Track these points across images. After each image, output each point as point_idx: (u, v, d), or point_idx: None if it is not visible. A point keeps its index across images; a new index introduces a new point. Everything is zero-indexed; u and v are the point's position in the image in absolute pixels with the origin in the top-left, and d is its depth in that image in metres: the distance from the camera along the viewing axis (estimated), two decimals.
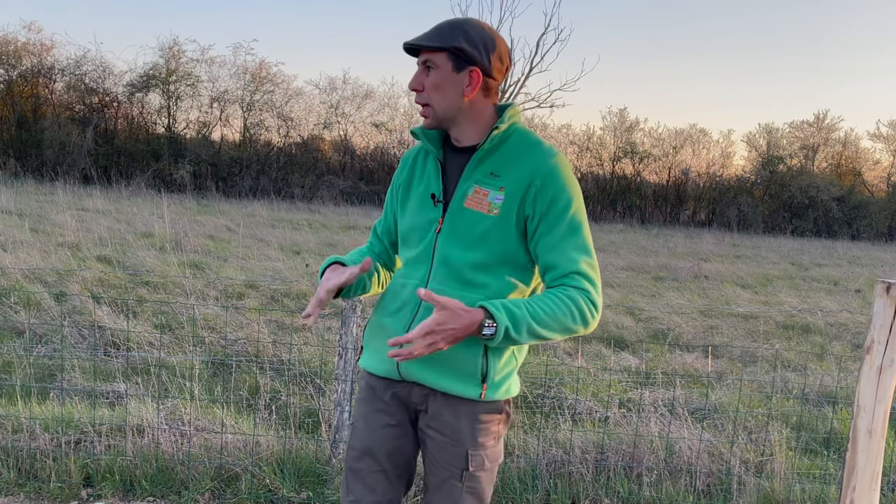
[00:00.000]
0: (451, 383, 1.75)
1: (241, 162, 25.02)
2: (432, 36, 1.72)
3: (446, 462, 1.79)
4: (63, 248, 9.03)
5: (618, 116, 30.30)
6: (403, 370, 1.79)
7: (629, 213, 28.80)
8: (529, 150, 1.74)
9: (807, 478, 3.58)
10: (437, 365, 1.74)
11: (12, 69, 24.78)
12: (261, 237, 12.68)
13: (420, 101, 1.76)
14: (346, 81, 27.47)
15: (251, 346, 5.44)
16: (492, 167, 1.75)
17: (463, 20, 1.75)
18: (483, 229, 1.73)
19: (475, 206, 1.74)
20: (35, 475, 3.24)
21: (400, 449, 1.86)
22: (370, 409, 1.88)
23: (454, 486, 1.79)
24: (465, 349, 1.72)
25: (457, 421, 1.77)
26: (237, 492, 3.21)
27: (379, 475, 1.86)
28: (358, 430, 1.90)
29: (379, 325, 1.86)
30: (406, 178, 1.90)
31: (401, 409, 1.86)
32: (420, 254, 1.81)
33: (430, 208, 1.81)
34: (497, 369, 1.76)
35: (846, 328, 7.88)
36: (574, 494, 3.35)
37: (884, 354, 2.01)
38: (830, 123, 31.69)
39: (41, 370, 4.70)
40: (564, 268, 1.71)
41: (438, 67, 1.72)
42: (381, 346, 1.84)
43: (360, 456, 1.87)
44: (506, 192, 1.72)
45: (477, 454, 1.78)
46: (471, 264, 1.74)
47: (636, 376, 5.32)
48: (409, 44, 1.73)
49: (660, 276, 12.00)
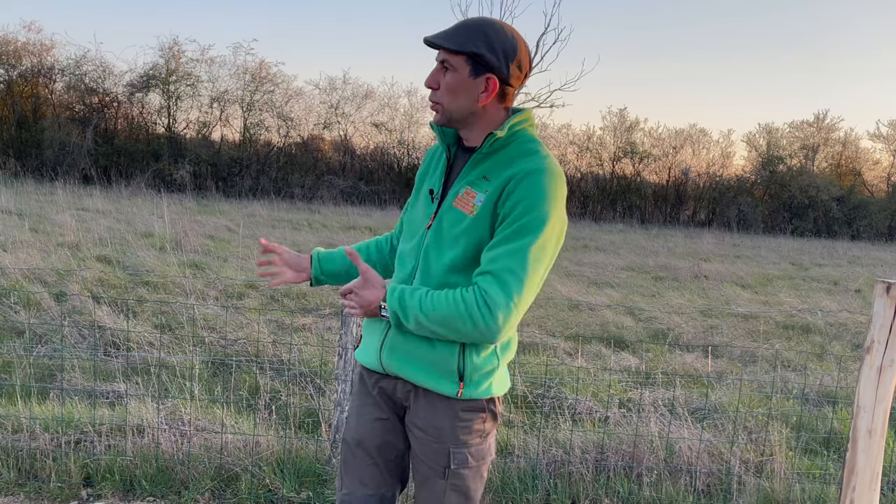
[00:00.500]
0: (428, 379, 1.76)
1: (241, 162, 25.02)
2: (452, 36, 1.67)
3: (429, 459, 1.80)
4: (63, 248, 9.03)
5: (618, 116, 30.28)
6: (385, 363, 1.81)
7: (629, 213, 28.77)
8: (520, 157, 1.70)
9: (807, 478, 3.58)
10: (416, 360, 1.76)
11: (12, 69, 24.76)
12: (261, 237, 12.66)
13: (433, 98, 1.74)
14: (346, 81, 27.41)
15: (251, 346, 5.44)
16: (485, 171, 1.73)
17: (488, 22, 1.69)
18: (460, 229, 1.72)
19: (461, 207, 1.74)
20: (35, 475, 3.24)
21: (390, 443, 1.87)
22: (361, 403, 1.91)
23: (437, 482, 1.80)
24: (442, 346, 1.73)
25: (437, 418, 1.77)
26: (237, 492, 3.21)
27: (371, 468, 1.88)
28: (350, 424, 1.93)
29: (372, 320, 1.88)
30: (423, 171, 1.93)
31: (388, 403, 1.88)
32: (412, 248, 1.83)
33: (427, 204, 1.84)
34: (474, 367, 1.74)
35: (846, 328, 7.88)
36: (574, 494, 3.35)
37: (884, 354, 2.01)
38: (830, 123, 31.69)
39: (41, 370, 4.70)
40: (483, 267, 1.65)
41: (455, 70, 1.69)
42: (371, 338, 1.87)
43: (353, 449, 1.90)
44: (487, 194, 1.70)
45: (459, 451, 1.77)
46: (447, 264, 1.74)
47: (636, 376, 5.32)
48: (429, 41, 1.70)
49: (660, 276, 12.00)
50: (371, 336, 1.87)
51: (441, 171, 1.83)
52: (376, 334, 1.85)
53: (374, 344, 1.85)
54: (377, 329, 1.84)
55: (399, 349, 1.78)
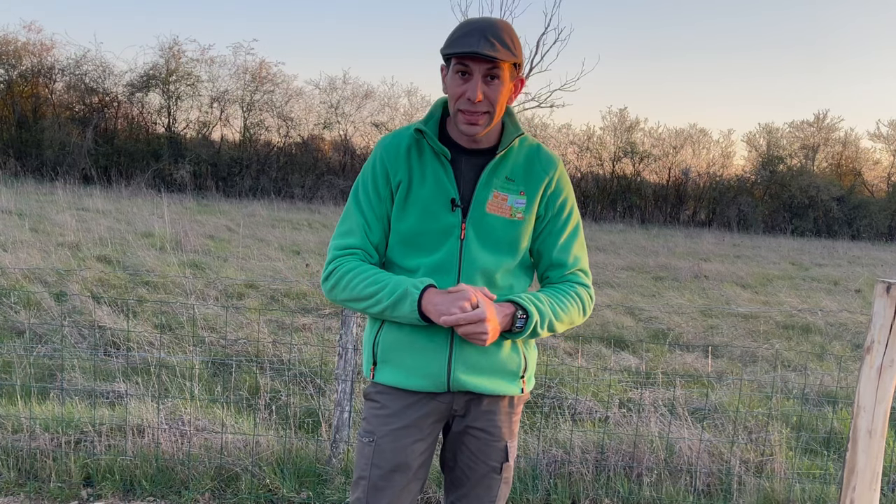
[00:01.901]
0: (499, 384, 1.81)
1: (241, 162, 25.02)
2: (505, 47, 1.65)
3: (487, 458, 1.85)
4: (63, 248, 9.03)
5: (618, 116, 30.31)
6: (455, 382, 1.76)
7: (629, 213, 28.79)
8: (537, 155, 1.82)
9: (807, 478, 3.58)
10: (488, 370, 1.79)
11: (12, 69, 24.78)
12: (261, 237, 12.68)
13: (482, 109, 1.68)
14: (346, 81, 27.47)
15: (251, 346, 5.44)
16: (506, 171, 1.78)
17: (506, 26, 1.69)
18: (512, 234, 1.78)
19: (497, 211, 1.76)
20: (35, 475, 3.24)
21: (427, 461, 1.87)
22: (397, 427, 1.80)
23: (494, 478, 1.86)
24: (508, 349, 1.80)
25: (498, 418, 1.84)
26: (237, 492, 3.21)
27: (405, 490, 1.83)
28: (384, 449, 1.80)
29: (407, 340, 1.77)
30: (405, 176, 1.77)
31: (433, 422, 1.83)
32: (442, 261, 1.75)
33: (444, 212, 1.75)
34: (531, 363, 1.88)
35: (846, 328, 7.88)
36: (574, 494, 3.35)
37: (884, 354, 2.00)
38: (830, 123, 31.71)
39: (41, 370, 4.70)
40: (571, 265, 1.84)
41: (502, 79, 1.69)
42: (414, 361, 1.77)
43: (388, 474, 1.80)
44: (527, 196, 1.78)
45: (512, 445, 1.88)
46: (503, 269, 1.78)
47: (636, 376, 5.32)
48: (488, 56, 1.62)
49: (660, 276, 12.00)
50: (418, 356, 1.76)
51: (448, 176, 1.76)
52: (430, 354, 1.76)
53: (428, 366, 1.76)
54: (429, 349, 1.75)
55: (474, 363, 1.76)
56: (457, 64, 1.68)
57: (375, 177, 1.79)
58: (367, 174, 1.81)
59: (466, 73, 1.67)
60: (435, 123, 1.80)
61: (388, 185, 1.78)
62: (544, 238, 1.82)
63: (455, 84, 1.69)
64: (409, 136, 1.79)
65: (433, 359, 1.76)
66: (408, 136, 1.79)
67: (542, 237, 1.82)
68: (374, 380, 1.84)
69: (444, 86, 1.75)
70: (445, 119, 1.82)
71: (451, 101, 1.71)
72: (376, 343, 1.82)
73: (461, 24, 1.71)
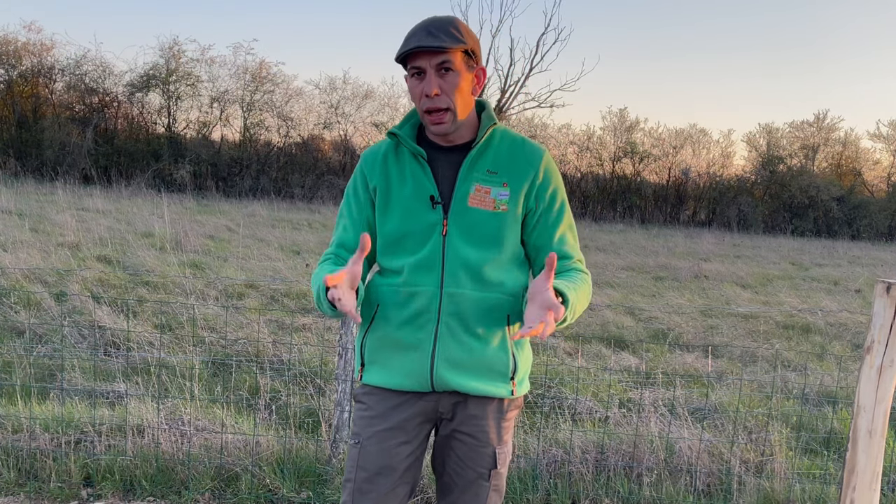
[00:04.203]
0: (485, 385, 1.77)
1: (241, 162, 25.02)
2: (448, 36, 1.66)
3: (475, 463, 1.80)
4: (63, 248, 9.03)
5: (618, 116, 30.30)
6: (438, 380, 1.75)
7: (629, 213, 28.79)
8: (520, 146, 1.80)
9: (807, 478, 3.58)
10: (472, 369, 1.75)
11: (12, 69, 24.77)
12: (261, 237, 12.68)
13: (440, 105, 1.68)
14: (346, 81, 27.48)
15: (251, 346, 5.44)
16: (487, 164, 1.76)
17: (451, 19, 1.71)
18: (496, 227, 1.74)
19: (479, 205, 1.74)
20: (35, 475, 3.24)
21: (414, 464, 1.83)
22: (382, 429, 1.79)
23: (482, 485, 1.81)
24: (496, 349, 1.76)
25: (486, 422, 1.79)
26: (237, 492, 3.21)
27: (391, 494, 1.80)
28: (369, 452, 1.79)
29: (392, 339, 1.78)
30: (382, 180, 1.80)
31: (419, 423, 1.81)
32: (425, 259, 1.75)
33: (425, 210, 1.76)
34: (522, 365, 1.82)
35: (846, 328, 7.88)
36: (574, 494, 3.35)
37: (884, 354, 2.01)
38: (830, 123, 31.69)
39: (41, 370, 4.70)
40: (570, 255, 1.82)
41: (457, 69, 1.68)
42: (399, 361, 1.77)
43: (373, 477, 1.78)
44: (510, 187, 1.74)
45: (502, 451, 1.83)
46: (488, 263, 1.75)
47: (636, 376, 5.32)
48: (427, 46, 1.63)
49: (660, 276, 12.00)
50: (403, 355, 1.77)
51: (426, 174, 1.76)
52: (413, 352, 1.75)
53: (411, 364, 1.76)
54: (411, 347, 1.75)
55: (457, 360, 1.74)
56: (410, 67, 1.70)
57: (356, 185, 1.85)
58: (350, 184, 1.88)
59: (420, 71, 1.68)
60: (411, 127, 1.82)
61: (367, 191, 1.82)
62: (539, 231, 1.80)
63: (413, 86, 1.71)
64: (387, 143, 1.83)
65: (416, 356, 1.76)
66: (386, 144, 1.84)
67: (538, 231, 1.80)
68: (363, 381, 1.85)
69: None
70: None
71: (416, 104, 1.73)
72: (364, 344, 1.84)
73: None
